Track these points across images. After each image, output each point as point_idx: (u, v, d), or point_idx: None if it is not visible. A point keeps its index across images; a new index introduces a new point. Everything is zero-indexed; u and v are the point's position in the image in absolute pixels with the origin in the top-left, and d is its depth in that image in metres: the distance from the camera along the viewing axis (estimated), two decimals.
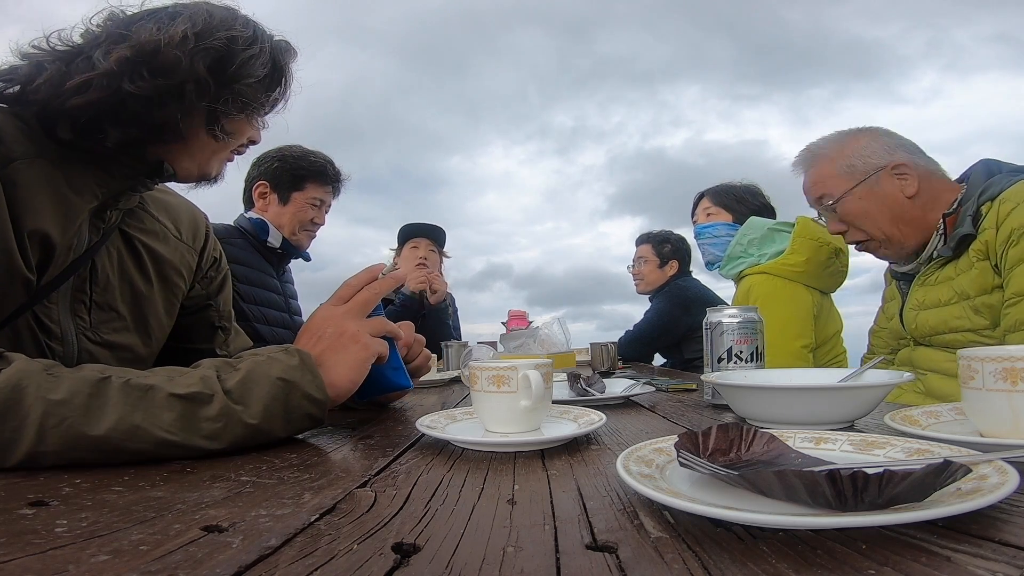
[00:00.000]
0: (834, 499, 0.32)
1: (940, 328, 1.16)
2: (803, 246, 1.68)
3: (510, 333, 2.08)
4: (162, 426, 0.52)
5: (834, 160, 1.23)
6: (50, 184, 0.67)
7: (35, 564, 0.29)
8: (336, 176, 1.87)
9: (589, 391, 0.97)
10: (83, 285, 0.75)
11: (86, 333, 0.76)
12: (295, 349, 0.63)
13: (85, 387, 0.51)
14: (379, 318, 0.74)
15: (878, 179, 1.18)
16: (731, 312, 0.88)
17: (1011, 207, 1.05)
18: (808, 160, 1.28)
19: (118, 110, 0.66)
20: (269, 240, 1.79)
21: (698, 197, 2.16)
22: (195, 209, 0.97)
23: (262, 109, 0.80)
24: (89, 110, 0.66)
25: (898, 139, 1.22)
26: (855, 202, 1.20)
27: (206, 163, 0.80)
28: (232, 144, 0.80)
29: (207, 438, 0.54)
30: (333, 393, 0.64)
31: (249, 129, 0.81)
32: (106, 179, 0.73)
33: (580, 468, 0.50)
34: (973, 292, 1.10)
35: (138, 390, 0.53)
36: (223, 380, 0.57)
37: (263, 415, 0.58)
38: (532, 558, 0.30)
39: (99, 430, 0.50)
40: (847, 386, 0.67)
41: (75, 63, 0.66)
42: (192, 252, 0.93)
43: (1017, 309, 1.01)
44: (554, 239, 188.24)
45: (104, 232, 0.77)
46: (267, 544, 0.32)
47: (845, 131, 1.26)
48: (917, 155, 1.20)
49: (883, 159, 1.19)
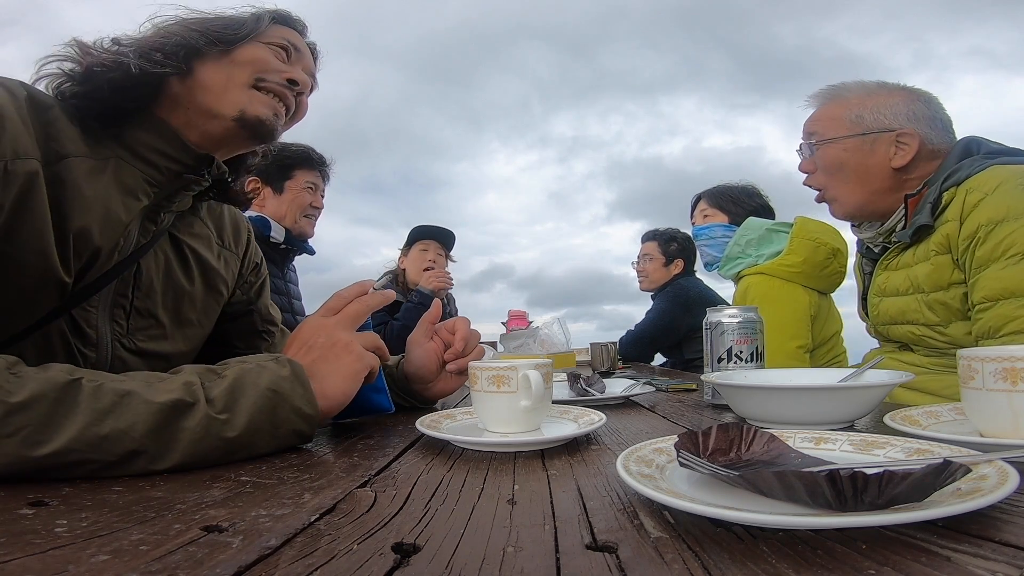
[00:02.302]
0: (834, 499, 0.32)
1: (898, 318, 1.11)
2: (800, 246, 1.68)
3: (510, 333, 2.08)
4: (134, 436, 0.47)
5: (850, 105, 1.13)
6: (101, 183, 0.66)
7: (35, 564, 0.29)
8: (321, 160, 1.90)
9: (589, 391, 0.97)
10: (125, 289, 0.73)
11: (121, 340, 0.73)
12: (286, 359, 0.60)
13: (51, 391, 0.46)
14: (372, 332, 0.72)
15: (876, 139, 1.09)
16: (731, 312, 0.88)
17: (978, 198, 0.96)
18: (827, 96, 1.17)
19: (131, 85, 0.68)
20: (272, 235, 1.79)
21: (696, 199, 2.17)
22: (238, 214, 0.95)
23: (256, 33, 0.78)
24: (129, 103, 0.68)
25: (933, 111, 1.10)
26: (837, 151, 1.12)
27: (227, 94, 0.74)
28: (246, 69, 0.75)
29: (181, 451, 0.50)
30: (324, 405, 0.60)
31: (261, 51, 0.77)
32: (156, 176, 0.72)
33: (580, 468, 0.50)
34: (927, 287, 1.04)
35: (111, 395, 0.48)
36: (207, 388, 0.53)
37: (247, 428, 0.53)
38: (532, 558, 0.30)
39: (58, 442, 0.45)
40: (847, 386, 0.67)
41: (120, 64, 0.68)
42: (235, 258, 0.91)
43: (989, 315, 0.94)
44: (555, 239, 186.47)
45: (154, 235, 0.75)
46: (267, 544, 0.32)
47: (887, 84, 1.15)
48: (940, 132, 1.09)
49: (896, 123, 1.08)
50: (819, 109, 1.18)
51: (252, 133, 0.76)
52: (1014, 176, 0.96)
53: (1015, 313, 0.90)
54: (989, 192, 0.96)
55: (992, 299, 0.94)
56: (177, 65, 0.70)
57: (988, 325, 0.94)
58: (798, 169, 1.23)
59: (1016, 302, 0.91)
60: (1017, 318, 0.90)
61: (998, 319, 0.92)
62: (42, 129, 0.63)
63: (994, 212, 0.94)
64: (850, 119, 1.12)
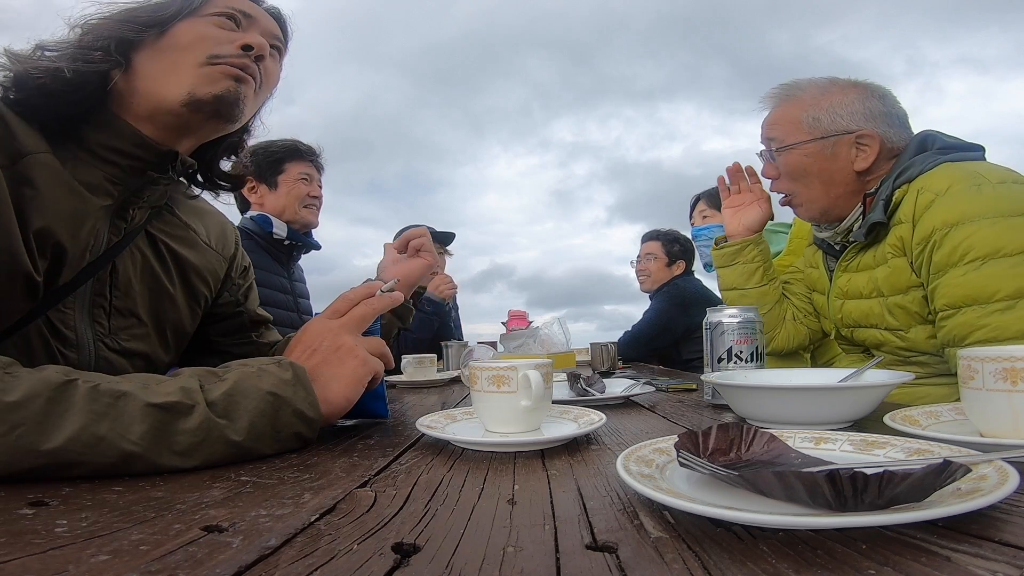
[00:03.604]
0: (834, 499, 0.32)
1: (862, 321, 1.10)
2: (799, 247, 1.68)
3: (510, 333, 2.08)
4: (130, 438, 0.47)
5: (805, 106, 1.10)
6: (62, 181, 0.64)
7: (35, 564, 0.29)
8: (310, 150, 1.90)
9: (589, 391, 0.97)
10: (103, 289, 0.71)
11: (104, 340, 0.72)
12: (288, 362, 0.59)
13: (45, 390, 0.46)
14: (377, 338, 0.71)
15: (836, 142, 1.07)
16: (731, 312, 0.88)
17: (929, 199, 0.94)
18: (781, 97, 1.15)
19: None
20: (275, 231, 1.79)
21: (694, 200, 2.18)
22: (224, 218, 0.95)
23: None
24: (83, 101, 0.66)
25: (888, 106, 1.09)
26: (799, 157, 1.10)
27: (170, 78, 0.70)
28: (191, 50, 0.70)
29: (180, 454, 0.49)
30: (326, 410, 0.60)
31: (201, 26, 0.72)
32: (118, 174, 0.70)
33: (580, 468, 0.50)
34: (887, 291, 1.03)
35: (107, 396, 0.48)
36: (206, 391, 0.52)
37: (248, 432, 0.53)
38: (532, 558, 0.30)
39: (55, 441, 0.45)
40: (847, 386, 0.67)
41: (52, 70, 0.65)
42: (221, 260, 0.90)
43: (953, 323, 0.92)
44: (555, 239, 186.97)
45: (127, 233, 0.73)
46: (267, 544, 0.32)
47: (839, 80, 1.12)
48: (898, 129, 1.08)
49: (854, 124, 1.07)
50: (775, 111, 1.16)
51: (212, 112, 0.71)
52: (965, 176, 0.94)
53: (980, 322, 0.89)
54: (940, 193, 0.94)
55: (954, 306, 0.92)
56: (113, 60, 0.67)
57: (953, 333, 0.93)
58: (761, 175, 1.22)
59: (980, 310, 0.89)
60: (982, 327, 0.88)
61: (962, 327, 0.91)
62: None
63: (948, 215, 0.92)
64: (807, 122, 1.10)
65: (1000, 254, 0.88)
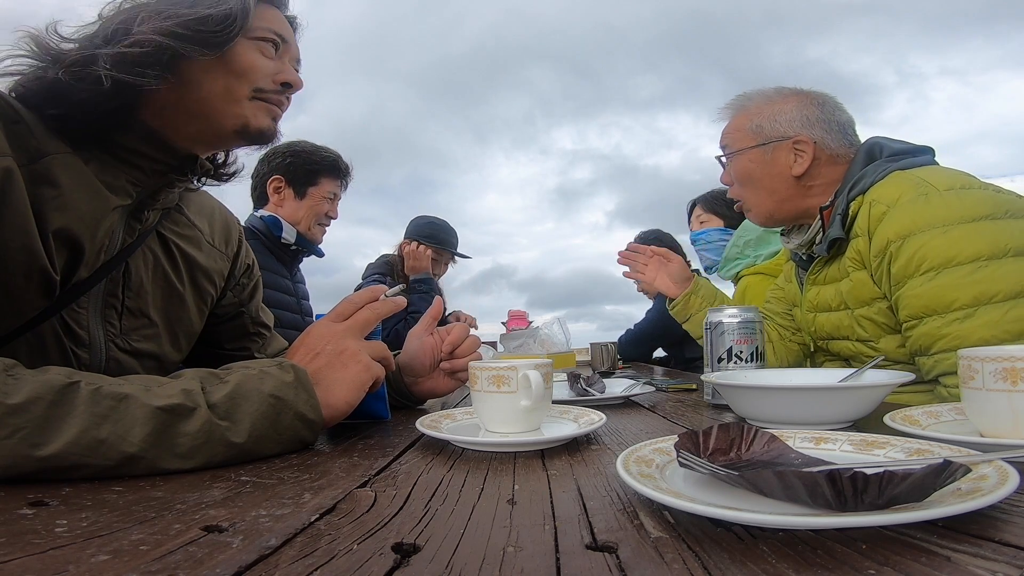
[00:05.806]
0: (834, 499, 0.32)
1: (834, 333, 1.11)
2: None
3: (510, 333, 2.08)
4: (132, 441, 0.47)
5: (751, 116, 1.15)
6: (85, 181, 0.64)
7: (35, 564, 0.29)
8: (346, 170, 1.90)
9: (589, 391, 0.97)
10: (115, 289, 0.71)
11: (115, 340, 0.72)
12: (290, 364, 0.59)
13: (48, 393, 0.46)
14: (380, 342, 0.71)
15: (775, 148, 1.11)
16: (731, 312, 0.88)
17: (881, 211, 0.95)
18: (734, 108, 1.20)
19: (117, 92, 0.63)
20: (284, 236, 1.77)
21: (691, 205, 2.19)
22: (229, 213, 0.94)
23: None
24: (104, 103, 0.63)
25: (826, 113, 1.11)
26: (745, 163, 1.14)
27: (228, 107, 0.71)
28: (243, 80, 0.71)
29: (181, 456, 0.49)
30: (328, 414, 0.60)
31: (252, 53, 0.72)
32: (140, 177, 0.70)
33: (580, 468, 0.50)
34: (852, 303, 1.04)
35: (109, 399, 0.48)
36: (208, 393, 0.53)
37: (249, 434, 0.53)
38: (532, 558, 0.30)
39: (56, 444, 0.45)
40: (847, 386, 0.67)
41: (90, 76, 0.62)
42: (225, 258, 0.89)
43: (917, 333, 0.92)
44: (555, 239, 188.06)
45: (140, 234, 0.73)
46: (267, 544, 0.32)
47: (783, 89, 1.16)
48: (837, 135, 1.10)
49: (791, 130, 1.10)
50: (730, 121, 1.21)
51: (251, 141, 0.76)
52: (913, 186, 0.95)
53: (940, 332, 0.89)
54: (892, 204, 0.94)
55: (916, 317, 0.92)
56: (160, 75, 0.64)
57: (919, 343, 0.93)
58: (720, 181, 1.26)
59: (940, 319, 0.89)
60: (944, 336, 0.89)
61: (927, 338, 0.91)
62: (15, 128, 0.60)
63: (899, 227, 0.93)
64: (752, 129, 1.14)
65: (953, 263, 0.88)
